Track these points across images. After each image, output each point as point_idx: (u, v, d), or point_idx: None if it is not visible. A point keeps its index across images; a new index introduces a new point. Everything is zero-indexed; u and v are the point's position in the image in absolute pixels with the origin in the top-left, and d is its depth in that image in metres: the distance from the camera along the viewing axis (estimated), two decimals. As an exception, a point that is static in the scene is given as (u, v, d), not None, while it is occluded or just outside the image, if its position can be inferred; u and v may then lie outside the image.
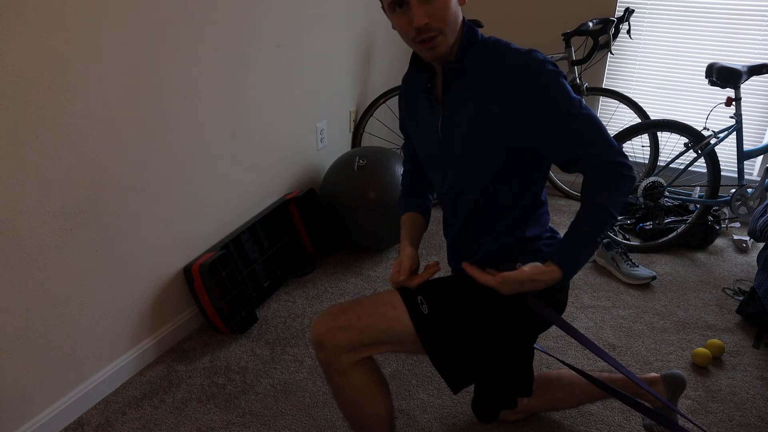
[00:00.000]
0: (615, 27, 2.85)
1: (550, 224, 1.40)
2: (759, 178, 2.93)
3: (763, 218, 2.07)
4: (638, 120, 2.98)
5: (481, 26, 2.89)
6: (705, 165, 2.62)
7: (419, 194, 1.54)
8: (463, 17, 1.23)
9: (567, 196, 3.29)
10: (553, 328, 2.13)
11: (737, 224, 2.94)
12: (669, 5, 2.88)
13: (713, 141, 2.53)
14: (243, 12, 2.09)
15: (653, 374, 1.62)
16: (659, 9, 2.91)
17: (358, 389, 1.29)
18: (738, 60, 2.84)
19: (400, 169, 2.56)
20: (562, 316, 1.52)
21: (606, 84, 3.16)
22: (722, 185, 2.73)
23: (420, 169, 1.54)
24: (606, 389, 1.35)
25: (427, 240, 2.80)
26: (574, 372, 1.58)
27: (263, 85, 2.29)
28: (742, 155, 2.58)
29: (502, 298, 1.28)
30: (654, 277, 2.42)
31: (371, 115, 3.02)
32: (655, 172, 2.79)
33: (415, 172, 1.55)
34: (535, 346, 1.48)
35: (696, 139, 2.52)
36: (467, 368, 1.29)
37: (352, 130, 3.06)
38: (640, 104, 3.03)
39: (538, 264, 1.18)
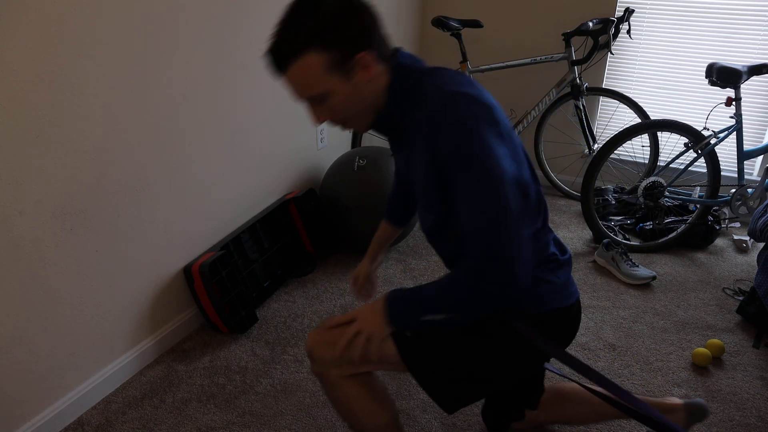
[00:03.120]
0: (615, 27, 2.85)
1: (552, 248, 1.24)
2: (759, 178, 2.93)
3: (763, 218, 2.07)
4: (638, 120, 2.98)
5: (480, 26, 2.89)
6: (705, 165, 2.62)
7: (398, 199, 1.53)
8: (394, 63, 1.12)
9: (567, 196, 3.29)
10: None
11: (737, 224, 2.94)
12: (669, 5, 2.88)
13: (713, 141, 2.53)
14: (243, 12, 2.09)
15: (676, 400, 1.53)
16: (659, 9, 2.91)
17: (351, 401, 1.27)
18: (738, 60, 2.84)
19: (400, 169, 2.56)
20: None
21: (606, 84, 3.16)
22: (722, 185, 2.73)
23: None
24: (624, 410, 1.23)
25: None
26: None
27: (263, 85, 2.29)
28: (742, 155, 2.58)
29: (490, 325, 1.22)
30: (654, 277, 2.42)
31: (371, 115, 3.01)
32: (655, 172, 2.79)
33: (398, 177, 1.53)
34: (548, 367, 1.36)
35: (696, 139, 2.52)
36: (457, 390, 1.24)
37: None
38: (640, 104, 3.03)
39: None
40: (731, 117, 2.55)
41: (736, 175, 2.82)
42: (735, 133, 2.55)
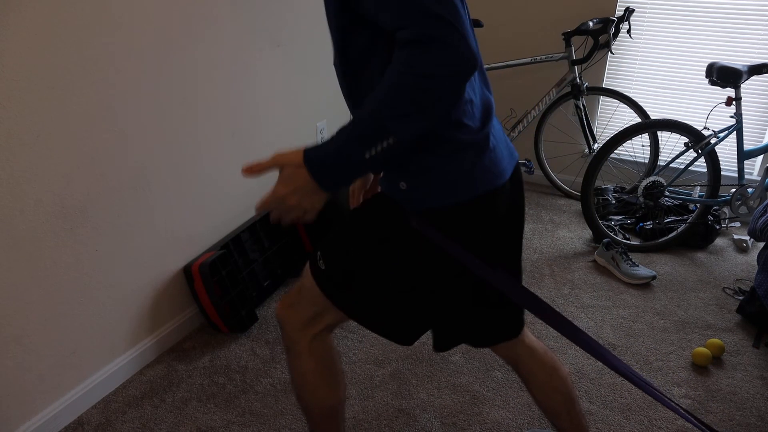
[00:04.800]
0: (615, 26, 2.85)
1: (466, 116, 1.01)
2: (759, 178, 2.93)
3: (763, 218, 2.07)
4: (638, 119, 2.98)
5: (480, 26, 2.89)
6: (705, 165, 2.62)
7: None
8: None
9: (567, 195, 3.29)
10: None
11: (737, 224, 2.94)
12: (669, 5, 2.88)
13: (713, 140, 2.53)
14: (243, 12, 2.09)
15: None
16: (659, 8, 2.91)
17: (308, 375, 1.25)
18: (738, 60, 2.84)
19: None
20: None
21: (606, 83, 3.16)
22: (722, 185, 2.73)
23: None
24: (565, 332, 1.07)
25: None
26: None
27: (263, 84, 2.29)
28: (743, 155, 2.58)
29: (388, 229, 1.09)
30: (654, 277, 2.42)
31: (371, 115, 3.01)
32: (656, 171, 2.79)
33: None
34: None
35: (696, 139, 2.52)
36: (390, 313, 1.15)
37: (352, 129, 3.05)
38: (641, 104, 3.03)
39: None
40: (731, 117, 2.55)
41: (736, 175, 2.82)
42: (735, 132, 2.55)
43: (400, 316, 1.17)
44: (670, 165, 2.74)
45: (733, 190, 2.63)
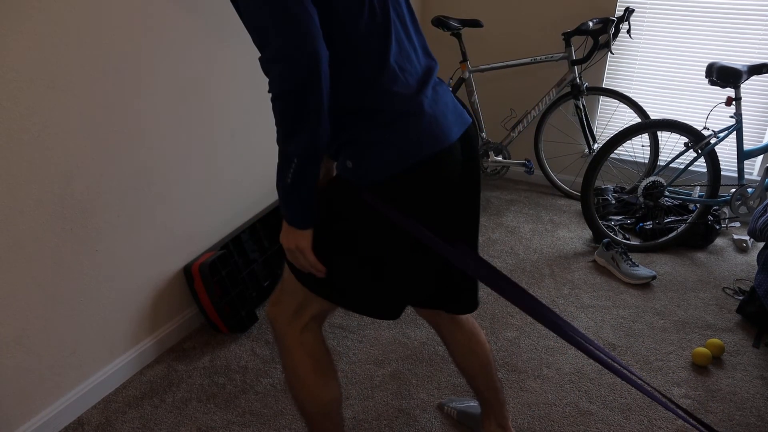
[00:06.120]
0: (615, 26, 2.85)
1: (384, 104, 1.04)
2: (759, 178, 2.93)
3: (763, 218, 2.08)
4: (638, 120, 2.98)
5: (480, 26, 2.89)
6: (705, 165, 2.62)
7: None
8: None
9: (567, 196, 3.29)
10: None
11: (737, 224, 2.94)
12: (669, 5, 2.88)
13: (713, 140, 2.53)
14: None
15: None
16: (659, 8, 2.91)
17: (299, 368, 1.26)
18: (738, 59, 2.84)
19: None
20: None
21: (606, 84, 3.16)
22: (722, 185, 2.73)
23: None
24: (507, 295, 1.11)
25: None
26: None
27: (263, 84, 2.29)
28: (742, 155, 2.58)
29: (346, 209, 1.12)
30: (654, 277, 2.42)
31: (371, 115, 3.01)
32: (655, 171, 2.79)
33: None
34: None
35: (696, 139, 2.52)
36: (366, 292, 1.17)
37: (352, 129, 3.05)
38: (640, 104, 3.03)
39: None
40: (731, 117, 2.55)
41: (736, 175, 2.82)
42: (735, 132, 2.55)
43: (375, 291, 1.18)
44: (670, 165, 2.74)
45: (733, 190, 2.63)
